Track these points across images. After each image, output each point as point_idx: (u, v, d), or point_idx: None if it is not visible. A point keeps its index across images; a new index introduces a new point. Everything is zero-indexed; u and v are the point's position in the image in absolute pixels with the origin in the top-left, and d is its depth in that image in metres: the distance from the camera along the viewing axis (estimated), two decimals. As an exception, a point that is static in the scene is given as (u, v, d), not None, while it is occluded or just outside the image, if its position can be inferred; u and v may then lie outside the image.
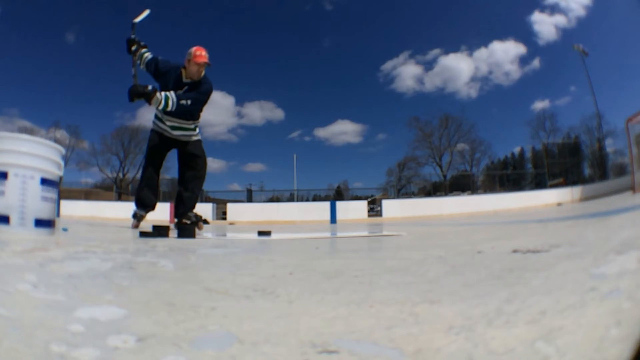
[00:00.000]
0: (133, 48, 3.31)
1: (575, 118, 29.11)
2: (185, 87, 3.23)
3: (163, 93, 3.08)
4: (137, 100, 3.07)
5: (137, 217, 3.48)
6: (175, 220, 3.48)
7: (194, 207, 3.44)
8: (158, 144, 3.44)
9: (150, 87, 3.04)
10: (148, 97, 3.02)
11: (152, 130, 3.50)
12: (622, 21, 23.69)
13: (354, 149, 34.80)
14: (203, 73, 3.26)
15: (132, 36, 3.34)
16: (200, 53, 3.20)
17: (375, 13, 35.69)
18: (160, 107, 3.10)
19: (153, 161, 3.47)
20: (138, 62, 3.35)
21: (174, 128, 3.38)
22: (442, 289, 0.70)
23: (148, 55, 3.37)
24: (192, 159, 3.42)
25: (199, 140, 3.51)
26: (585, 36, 27.03)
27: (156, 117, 3.47)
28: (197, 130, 3.51)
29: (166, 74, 3.29)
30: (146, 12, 3.46)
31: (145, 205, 3.47)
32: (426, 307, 0.56)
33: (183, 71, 3.25)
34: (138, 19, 3.42)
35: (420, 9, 36.30)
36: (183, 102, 3.14)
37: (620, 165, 19.03)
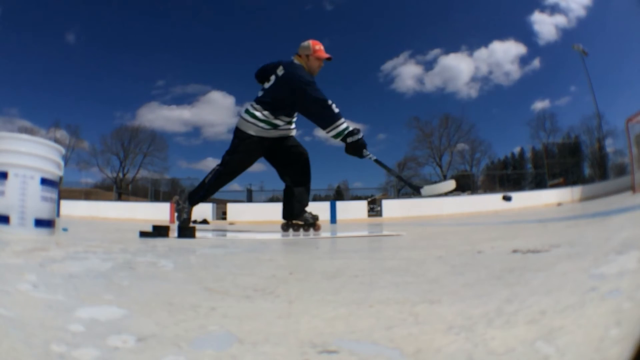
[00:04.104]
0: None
1: (575, 118, 29.16)
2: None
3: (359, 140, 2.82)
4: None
5: (184, 212, 3.10)
6: (285, 221, 3.06)
7: (307, 204, 3.02)
8: (255, 153, 2.99)
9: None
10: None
11: (251, 136, 2.90)
12: (622, 21, 23.76)
13: (354, 149, 34.69)
14: None
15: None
16: (320, 47, 2.79)
17: (376, 13, 35.76)
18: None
19: (234, 171, 3.03)
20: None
21: (286, 128, 2.96)
22: (442, 289, 0.70)
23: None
24: (295, 150, 3.05)
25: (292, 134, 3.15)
26: (585, 36, 27.10)
27: (262, 119, 2.84)
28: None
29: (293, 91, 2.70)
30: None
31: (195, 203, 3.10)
32: (426, 307, 0.56)
33: None
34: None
35: (421, 9, 36.37)
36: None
37: (620, 165, 19.05)
